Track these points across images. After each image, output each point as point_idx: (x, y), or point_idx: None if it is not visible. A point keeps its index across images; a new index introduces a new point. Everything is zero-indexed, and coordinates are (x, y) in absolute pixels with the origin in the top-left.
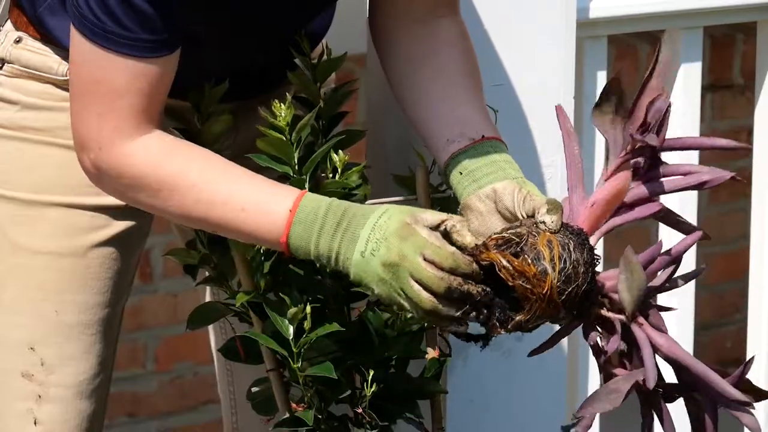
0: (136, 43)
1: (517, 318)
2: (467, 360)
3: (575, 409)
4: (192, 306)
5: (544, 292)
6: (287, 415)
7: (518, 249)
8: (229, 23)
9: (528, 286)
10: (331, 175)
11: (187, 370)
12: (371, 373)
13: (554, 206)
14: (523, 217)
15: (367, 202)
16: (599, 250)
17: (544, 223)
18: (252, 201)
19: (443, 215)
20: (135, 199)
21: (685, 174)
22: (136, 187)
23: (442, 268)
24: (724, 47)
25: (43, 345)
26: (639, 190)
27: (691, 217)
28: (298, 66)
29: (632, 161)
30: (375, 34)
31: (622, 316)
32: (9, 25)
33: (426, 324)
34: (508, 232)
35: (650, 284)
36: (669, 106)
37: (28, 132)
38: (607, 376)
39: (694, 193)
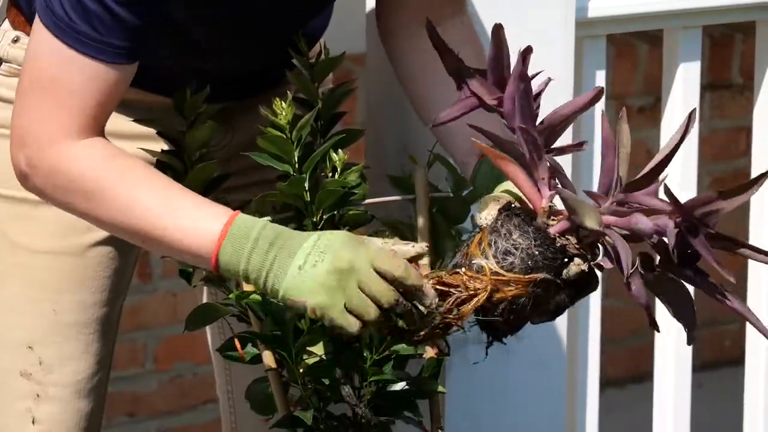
0: (104, 47)
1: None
2: (466, 359)
3: (574, 408)
4: (191, 306)
5: (484, 284)
6: (286, 414)
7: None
8: (230, 25)
9: (469, 291)
10: (330, 175)
11: (186, 369)
12: (375, 372)
13: (485, 200)
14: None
15: (365, 202)
16: None
17: (477, 225)
18: (185, 216)
19: (389, 240)
20: (65, 202)
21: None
22: (70, 189)
23: (392, 281)
24: (723, 47)
25: (42, 344)
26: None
27: None
28: (296, 66)
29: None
30: (384, 39)
31: (596, 234)
32: (6, 24)
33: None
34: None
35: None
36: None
37: None
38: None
39: (694, 193)
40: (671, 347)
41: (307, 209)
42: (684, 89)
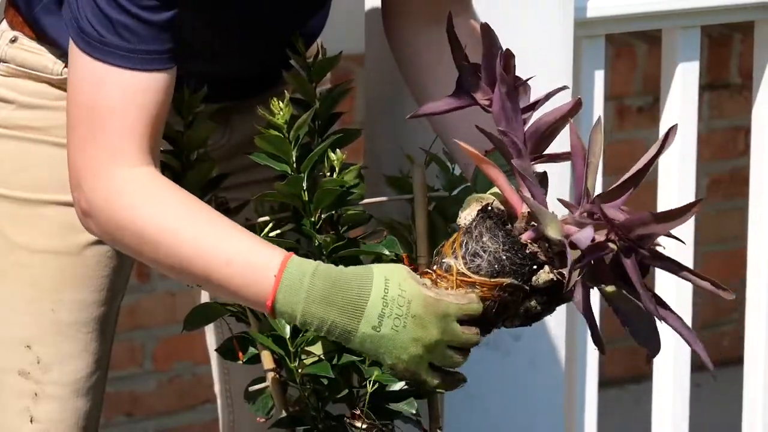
0: (135, 55)
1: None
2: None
3: (573, 408)
4: (190, 306)
5: (450, 284)
6: (284, 414)
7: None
8: (237, 27)
9: (445, 288)
10: (328, 174)
11: (185, 369)
12: (374, 372)
13: (468, 200)
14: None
15: (363, 202)
16: None
17: (456, 224)
18: (242, 263)
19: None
20: (122, 242)
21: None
22: (121, 224)
23: (473, 322)
24: (722, 46)
25: (40, 343)
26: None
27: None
28: (293, 66)
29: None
30: (390, 38)
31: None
32: (5, 24)
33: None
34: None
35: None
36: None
37: (24, 131)
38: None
39: (692, 193)
40: (670, 347)
41: (305, 209)
42: (683, 89)
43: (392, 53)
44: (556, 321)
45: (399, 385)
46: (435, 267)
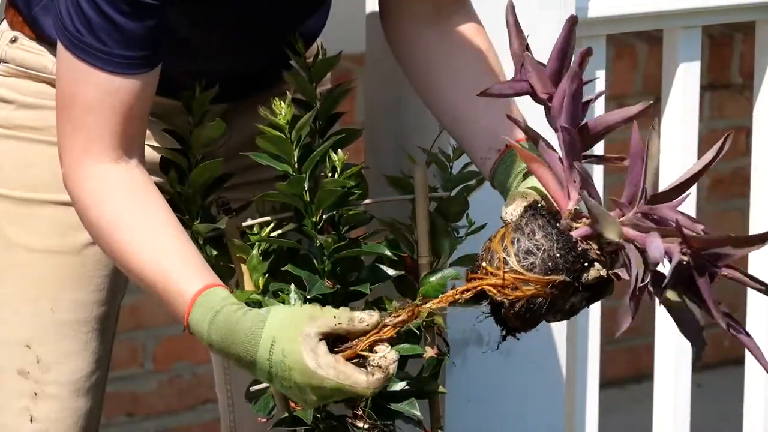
0: (111, 58)
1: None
2: (466, 359)
3: (573, 409)
4: None
5: (509, 280)
6: (286, 414)
7: (480, 262)
8: (235, 25)
9: (498, 286)
10: (330, 174)
11: (185, 369)
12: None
13: (512, 197)
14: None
15: (364, 202)
16: None
17: (503, 219)
18: (162, 282)
19: (331, 320)
20: (86, 224)
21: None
22: (84, 217)
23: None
24: (723, 47)
25: (40, 343)
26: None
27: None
28: (293, 66)
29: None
30: (390, 39)
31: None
32: (4, 24)
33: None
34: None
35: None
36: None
37: (24, 131)
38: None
39: (693, 193)
40: (671, 347)
41: (307, 209)
42: (684, 89)
43: (393, 53)
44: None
45: (400, 386)
46: (484, 264)
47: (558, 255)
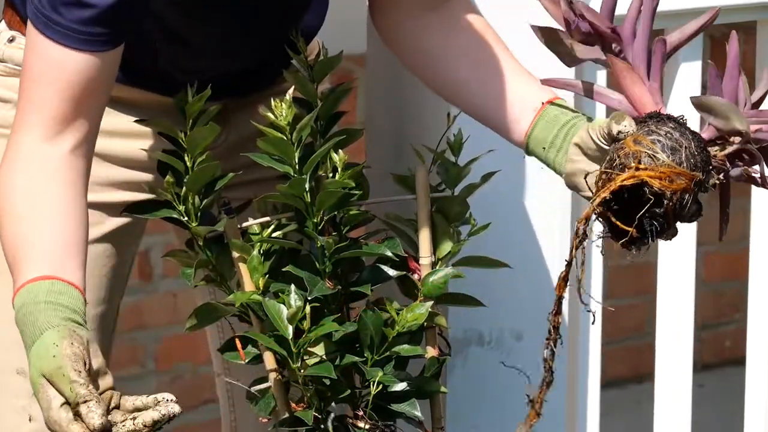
0: (66, 32)
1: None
2: (467, 359)
3: (575, 408)
4: (192, 306)
5: (665, 173)
6: (287, 414)
7: (619, 170)
8: (227, 20)
9: (656, 178)
10: (331, 175)
11: (186, 369)
12: (376, 373)
13: (617, 115)
14: (607, 146)
15: (366, 202)
16: None
17: (620, 133)
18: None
19: (79, 395)
20: None
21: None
22: None
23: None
24: (724, 47)
25: None
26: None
27: None
28: (291, 64)
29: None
30: (383, 30)
31: (743, 141)
32: (2, 24)
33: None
34: (602, 169)
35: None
36: None
37: None
38: None
39: None
40: (672, 347)
41: (308, 210)
42: (684, 89)
43: (392, 49)
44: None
45: (401, 386)
46: (632, 163)
47: (696, 152)
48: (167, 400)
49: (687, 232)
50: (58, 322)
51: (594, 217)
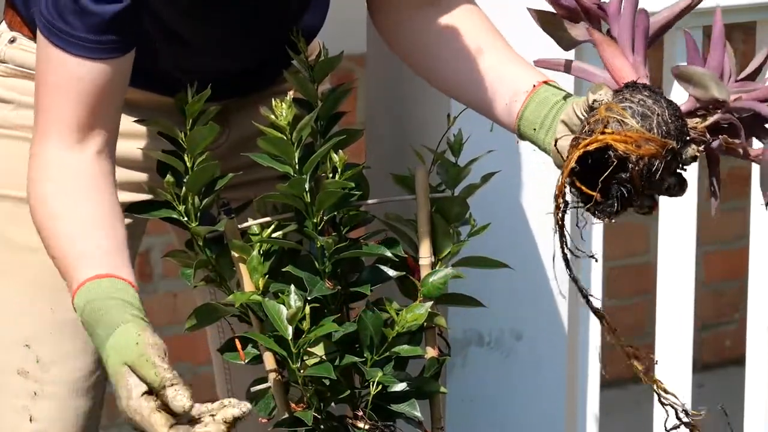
0: (77, 42)
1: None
2: (466, 360)
3: (575, 408)
4: (191, 306)
5: (632, 137)
6: (286, 414)
7: (587, 135)
8: (227, 19)
9: (621, 142)
10: (331, 175)
11: (186, 370)
12: (376, 373)
13: (595, 86)
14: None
15: (365, 202)
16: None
17: (595, 102)
18: (65, 267)
19: (165, 378)
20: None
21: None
22: (27, 189)
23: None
24: None
25: (39, 342)
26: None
27: (690, 216)
28: (292, 64)
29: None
30: (381, 25)
31: (722, 112)
32: (3, 25)
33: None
34: (573, 137)
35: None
36: None
37: (24, 131)
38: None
39: (694, 193)
40: (672, 347)
41: (308, 210)
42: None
43: (391, 47)
44: (558, 321)
45: (401, 386)
46: (600, 128)
47: (669, 120)
48: (233, 403)
49: (687, 232)
50: (130, 317)
51: (567, 188)
